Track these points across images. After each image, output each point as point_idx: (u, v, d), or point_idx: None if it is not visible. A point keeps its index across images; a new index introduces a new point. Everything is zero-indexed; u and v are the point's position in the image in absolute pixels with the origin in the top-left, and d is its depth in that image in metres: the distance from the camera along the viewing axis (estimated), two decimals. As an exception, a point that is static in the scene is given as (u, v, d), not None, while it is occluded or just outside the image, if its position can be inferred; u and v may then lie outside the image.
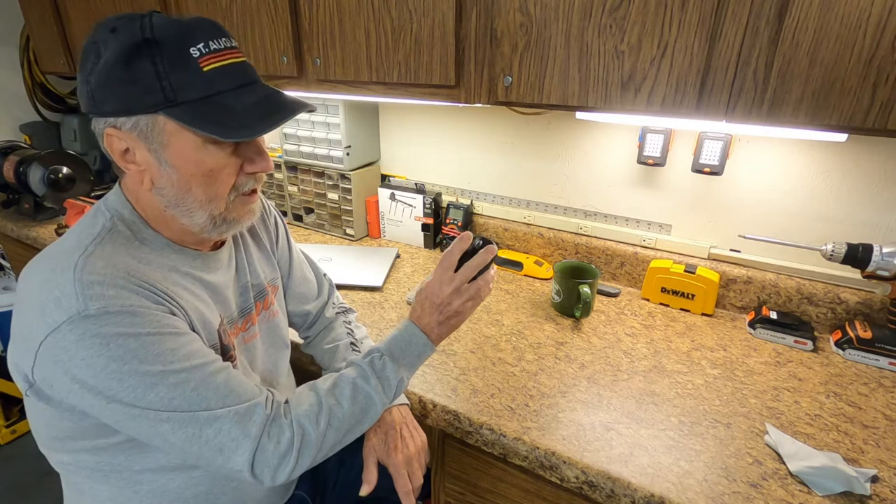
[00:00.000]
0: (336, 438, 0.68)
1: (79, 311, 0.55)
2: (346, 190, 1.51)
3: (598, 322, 1.11)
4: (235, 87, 0.62)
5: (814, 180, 1.05)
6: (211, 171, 0.63)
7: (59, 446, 0.66)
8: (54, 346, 0.55)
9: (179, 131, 0.60)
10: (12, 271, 1.97)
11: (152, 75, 0.58)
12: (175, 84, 0.58)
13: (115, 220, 0.65)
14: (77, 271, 0.57)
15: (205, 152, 0.62)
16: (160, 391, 0.57)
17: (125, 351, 0.56)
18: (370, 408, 0.70)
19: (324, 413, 0.67)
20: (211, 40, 0.60)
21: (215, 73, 0.60)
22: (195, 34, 0.59)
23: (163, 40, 0.58)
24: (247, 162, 0.65)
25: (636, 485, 0.68)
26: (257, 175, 0.68)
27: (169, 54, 0.58)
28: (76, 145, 2.11)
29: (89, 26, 1.83)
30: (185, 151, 0.61)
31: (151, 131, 0.60)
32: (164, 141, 0.61)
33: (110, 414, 0.58)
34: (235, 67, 0.62)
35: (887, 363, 0.95)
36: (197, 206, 0.64)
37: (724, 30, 0.75)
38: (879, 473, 0.71)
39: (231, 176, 0.65)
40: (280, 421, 0.64)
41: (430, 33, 0.99)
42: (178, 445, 0.59)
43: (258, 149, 0.66)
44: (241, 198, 0.68)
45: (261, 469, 0.62)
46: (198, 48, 0.59)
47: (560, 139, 1.30)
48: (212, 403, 0.60)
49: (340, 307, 1.01)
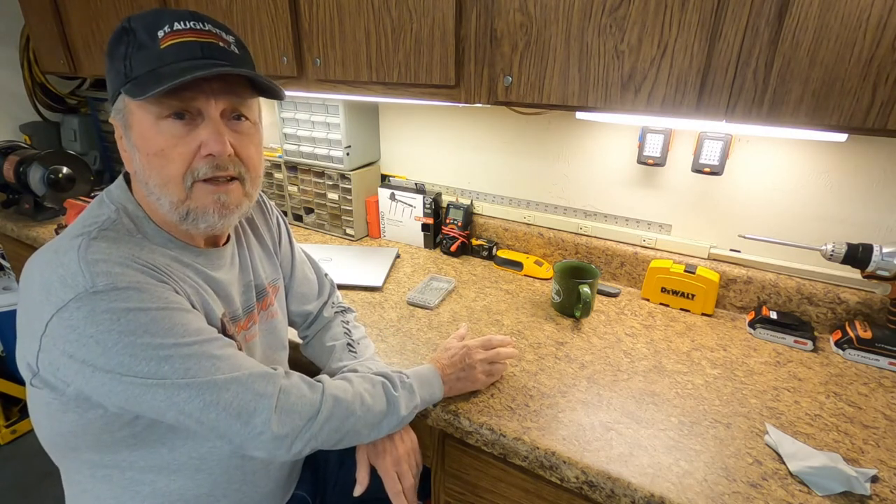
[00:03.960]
0: (353, 427, 0.69)
1: (86, 288, 0.55)
2: (346, 190, 1.51)
3: (598, 322, 1.11)
4: (185, 59, 0.60)
5: (814, 180, 1.05)
6: (162, 150, 0.61)
7: (63, 443, 0.65)
8: (61, 325, 0.55)
9: (135, 109, 0.61)
10: (12, 271, 1.97)
11: (122, 59, 0.60)
12: (134, 63, 0.60)
13: (119, 213, 0.65)
14: (81, 251, 0.57)
15: (156, 129, 0.60)
16: (175, 363, 0.57)
17: (137, 325, 0.56)
18: (392, 413, 0.73)
19: (356, 396, 0.70)
20: (178, 22, 0.60)
21: (169, 48, 0.59)
22: (164, 18, 0.60)
23: (136, 27, 0.60)
24: (203, 146, 0.62)
25: (636, 485, 0.68)
26: (218, 161, 0.63)
27: (139, 38, 0.59)
28: (76, 145, 2.11)
29: (89, 26, 1.82)
30: (142, 130, 0.61)
31: (121, 113, 0.62)
32: (128, 122, 0.62)
33: (122, 390, 0.56)
34: (193, 44, 0.60)
35: (887, 363, 0.95)
36: (158, 191, 0.62)
37: (724, 30, 0.74)
38: (879, 473, 0.71)
39: (183, 156, 0.61)
40: (301, 386, 0.66)
41: (430, 33, 0.99)
42: (194, 416, 0.59)
43: (214, 131, 0.62)
44: (202, 185, 0.63)
45: (280, 427, 0.61)
46: (163, 29, 0.60)
47: (560, 139, 1.30)
48: (227, 369, 0.60)
49: (339, 307, 1.01)
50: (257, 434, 0.61)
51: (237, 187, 0.67)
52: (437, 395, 0.81)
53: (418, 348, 1.00)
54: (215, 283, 0.72)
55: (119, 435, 0.63)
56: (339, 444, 0.69)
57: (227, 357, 0.62)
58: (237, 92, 0.64)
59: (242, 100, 0.65)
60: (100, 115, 2.06)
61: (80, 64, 1.73)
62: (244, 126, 0.67)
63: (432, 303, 1.16)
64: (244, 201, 0.69)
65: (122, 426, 0.62)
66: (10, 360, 2.04)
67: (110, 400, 0.58)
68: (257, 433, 0.61)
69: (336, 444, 0.69)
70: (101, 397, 0.58)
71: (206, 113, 0.62)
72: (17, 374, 2.03)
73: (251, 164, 0.68)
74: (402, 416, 0.74)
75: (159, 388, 0.57)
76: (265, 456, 0.63)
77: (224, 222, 0.67)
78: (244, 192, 0.68)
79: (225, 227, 0.69)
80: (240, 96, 0.65)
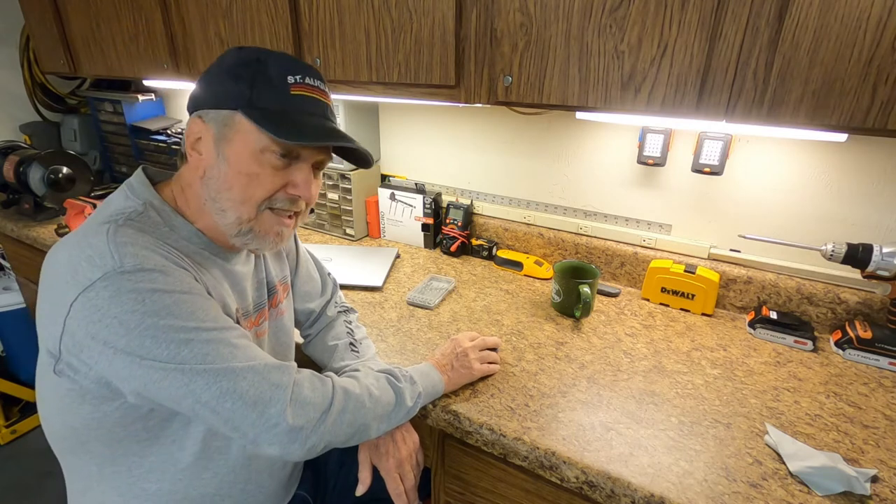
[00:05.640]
0: (364, 420, 0.70)
1: (114, 268, 0.56)
2: (346, 190, 1.51)
3: (598, 322, 1.11)
4: (310, 113, 0.67)
5: (814, 180, 1.05)
6: (256, 174, 0.66)
7: (73, 437, 0.66)
8: (86, 304, 0.56)
9: (246, 132, 0.65)
10: (12, 271, 1.97)
11: (247, 83, 0.65)
12: (262, 93, 0.65)
13: (146, 207, 0.67)
14: (110, 234, 0.60)
15: (260, 157, 0.66)
16: (194, 347, 0.58)
17: (161, 306, 0.57)
18: (399, 404, 0.75)
19: (364, 390, 0.71)
20: (309, 77, 0.68)
21: (298, 97, 0.66)
22: (297, 68, 0.67)
23: (269, 63, 0.65)
24: (290, 185, 0.68)
25: (636, 485, 0.68)
26: (296, 200, 0.70)
27: (269, 73, 0.65)
28: (76, 145, 2.11)
29: (89, 26, 1.82)
30: (242, 151, 0.65)
31: (225, 125, 0.65)
32: (230, 136, 0.65)
33: (142, 374, 0.57)
34: (318, 101, 0.69)
35: (887, 363, 0.95)
36: (230, 205, 0.67)
37: (724, 30, 0.74)
38: (879, 473, 0.71)
39: (271, 185, 0.67)
40: (313, 380, 0.67)
41: (430, 33, 0.99)
42: (210, 405, 0.59)
43: (307, 177, 0.69)
44: (271, 213, 0.69)
45: (296, 419, 0.62)
46: (295, 77, 0.66)
47: (560, 139, 1.30)
48: (244, 358, 0.62)
49: (342, 306, 1.01)
50: (273, 425, 0.60)
51: (294, 222, 0.74)
52: (439, 386, 0.82)
53: (418, 348, 1.00)
54: (231, 276, 0.74)
55: (132, 429, 0.64)
56: (350, 440, 0.69)
57: (244, 347, 0.63)
58: (329, 152, 0.73)
59: (330, 158, 0.74)
60: (100, 115, 2.06)
61: (80, 64, 1.73)
62: (319, 177, 0.75)
63: (432, 303, 1.16)
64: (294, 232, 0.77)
65: (135, 419, 0.63)
66: (10, 360, 2.04)
67: (129, 385, 0.59)
68: (272, 424, 0.60)
69: (349, 439, 0.69)
70: (121, 382, 0.59)
71: (303, 159, 0.69)
72: (17, 374, 2.03)
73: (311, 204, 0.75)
74: (409, 407, 0.75)
75: (178, 374, 0.57)
76: (279, 452, 0.62)
77: (273, 248, 0.73)
78: (296, 225, 0.75)
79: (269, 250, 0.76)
80: (330, 156, 0.73)
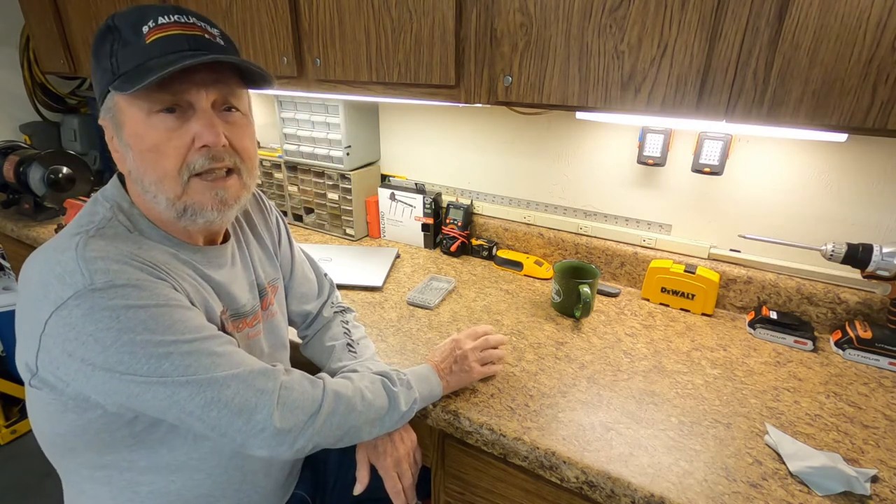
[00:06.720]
0: (354, 423, 0.69)
1: (85, 286, 0.54)
2: (346, 190, 1.51)
3: (598, 322, 1.11)
4: (172, 52, 0.59)
5: (814, 180, 1.05)
6: (155, 145, 0.60)
7: (61, 444, 0.65)
8: (60, 323, 0.54)
9: (125, 107, 0.60)
10: (12, 271, 1.97)
11: (108, 56, 0.60)
12: (120, 59, 0.59)
13: (114, 211, 0.65)
14: (79, 249, 0.57)
15: (148, 125, 0.60)
16: (175, 360, 0.57)
17: (136, 322, 0.55)
18: (393, 409, 0.74)
19: (357, 392, 0.70)
20: (161, 16, 0.60)
21: (155, 42, 0.59)
22: (148, 13, 0.60)
23: (120, 24, 0.60)
24: (196, 138, 0.61)
25: (636, 485, 0.68)
26: (216, 155, 0.63)
27: (123, 35, 0.59)
28: (76, 145, 2.11)
29: (89, 26, 1.81)
30: (134, 127, 0.61)
31: (112, 112, 0.62)
32: (120, 120, 0.62)
33: (122, 389, 0.56)
34: (179, 37, 0.60)
35: (887, 363, 0.95)
36: (154, 189, 0.62)
37: (724, 30, 0.74)
38: (879, 473, 0.71)
39: (178, 150, 0.61)
40: (303, 382, 0.67)
41: (430, 33, 0.99)
42: (196, 415, 0.58)
43: (207, 121, 0.61)
44: (198, 181, 0.63)
45: (283, 422, 0.61)
46: (148, 25, 0.59)
47: (560, 139, 1.30)
48: (227, 366, 0.60)
49: (339, 307, 1.01)
50: (259, 431, 0.60)
51: (235, 181, 0.66)
52: (437, 390, 0.81)
53: (418, 348, 1.00)
54: (213, 282, 0.71)
55: (118, 435, 0.63)
56: (340, 442, 0.69)
57: (228, 354, 0.62)
58: (227, 83, 0.64)
59: (232, 90, 0.65)
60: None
61: (80, 64, 1.73)
62: (236, 117, 0.66)
63: (432, 303, 1.16)
64: (242, 193, 0.68)
65: (121, 426, 0.62)
66: (10, 360, 2.04)
67: (110, 399, 0.58)
68: (259, 430, 0.60)
69: (338, 441, 0.69)
70: (101, 396, 0.58)
71: (197, 105, 0.62)
72: (17, 374, 2.02)
73: (246, 155, 0.67)
74: (403, 412, 0.74)
75: (160, 386, 0.56)
76: (267, 454, 0.62)
77: (223, 217, 0.66)
78: (242, 184, 0.68)
79: (224, 221, 0.69)
80: (230, 87, 0.64)
